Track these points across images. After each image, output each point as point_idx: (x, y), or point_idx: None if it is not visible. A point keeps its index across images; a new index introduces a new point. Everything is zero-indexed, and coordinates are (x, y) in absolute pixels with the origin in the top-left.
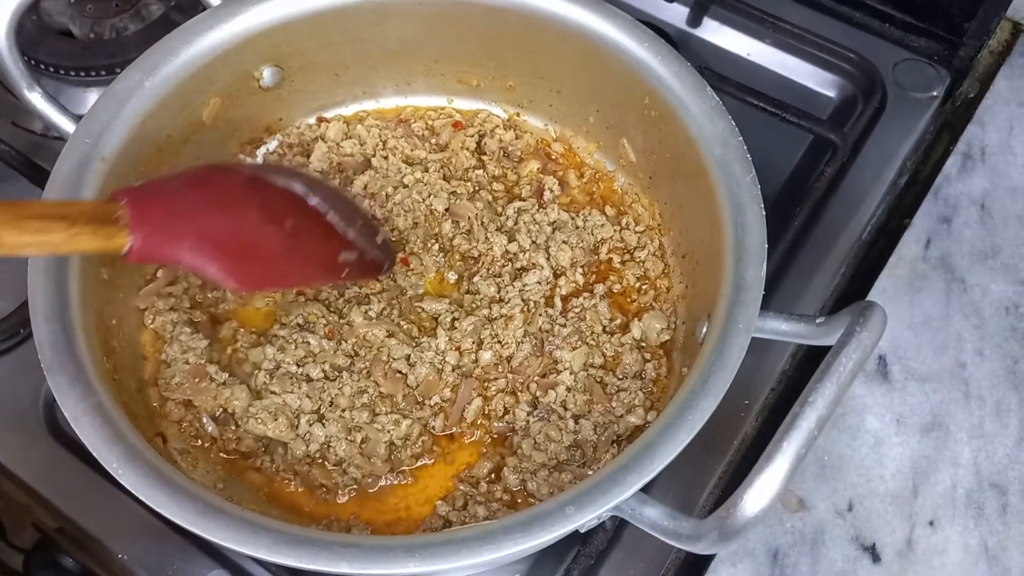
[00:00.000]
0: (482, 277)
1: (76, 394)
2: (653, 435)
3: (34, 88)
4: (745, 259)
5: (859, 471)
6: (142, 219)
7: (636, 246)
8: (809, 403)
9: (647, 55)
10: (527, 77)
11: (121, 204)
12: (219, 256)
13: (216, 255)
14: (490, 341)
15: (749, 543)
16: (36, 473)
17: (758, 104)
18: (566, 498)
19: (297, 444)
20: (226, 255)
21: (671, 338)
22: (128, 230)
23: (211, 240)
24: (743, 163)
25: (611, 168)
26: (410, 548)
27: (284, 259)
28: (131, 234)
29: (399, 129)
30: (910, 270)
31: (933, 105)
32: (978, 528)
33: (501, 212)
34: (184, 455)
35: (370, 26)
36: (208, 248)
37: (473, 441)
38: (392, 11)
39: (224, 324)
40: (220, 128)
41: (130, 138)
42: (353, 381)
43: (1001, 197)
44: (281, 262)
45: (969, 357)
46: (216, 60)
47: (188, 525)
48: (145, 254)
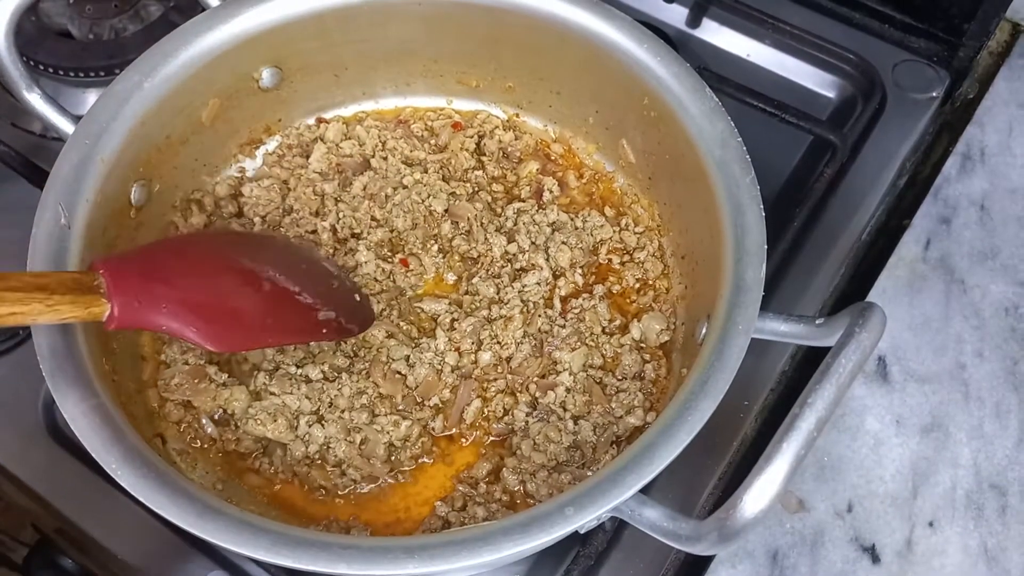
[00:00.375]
0: (481, 278)
1: (75, 395)
2: (652, 436)
3: (33, 89)
4: (744, 260)
5: (859, 472)
6: (120, 287)
7: (635, 247)
8: (808, 404)
9: (646, 56)
10: (526, 78)
11: (99, 274)
12: (197, 320)
13: (194, 320)
14: (489, 342)
15: (749, 544)
16: (35, 474)
17: (757, 105)
18: (565, 499)
19: (296, 445)
20: (204, 319)
21: (670, 339)
22: (106, 299)
23: (189, 306)
24: (742, 164)
25: (610, 169)
26: (409, 549)
27: (262, 321)
28: (109, 302)
29: (398, 130)
30: (910, 271)
31: (932, 106)
32: (978, 529)
33: (500, 213)
34: (183, 456)
35: (369, 27)
36: (185, 313)
37: (472, 442)
38: (391, 12)
39: None
40: (219, 129)
41: (129, 139)
42: (352, 382)
43: (1000, 198)
44: (259, 324)
45: (969, 358)
46: (215, 61)
47: (187, 526)
48: (124, 321)
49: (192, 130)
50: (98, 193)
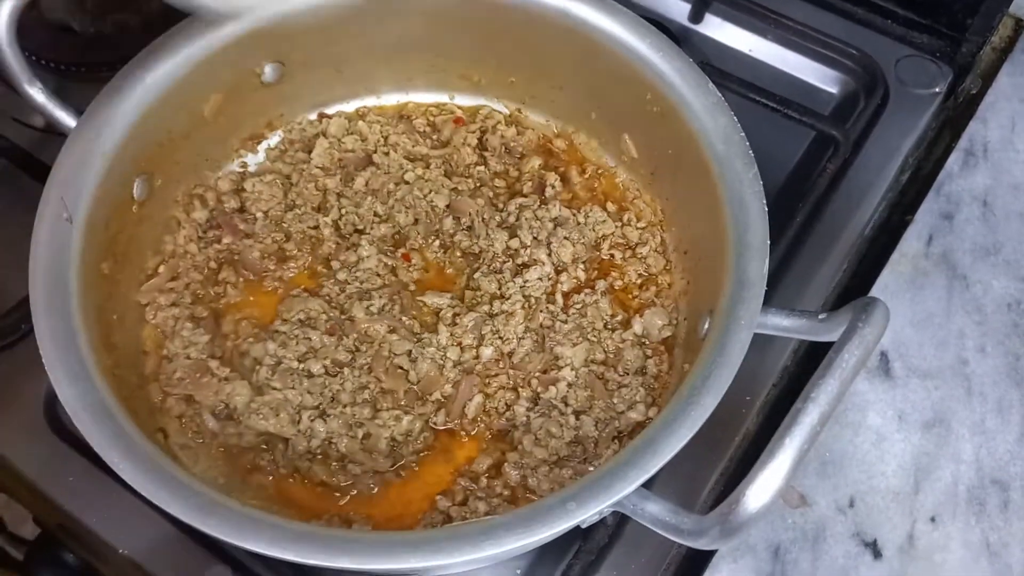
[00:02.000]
0: (483, 273)
1: (77, 390)
2: (654, 431)
3: (35, 83)
4: (747, 255)
5: (861, 467)
6: None
7: (638, 242)
8: (811, 399)
9: (649, 51)
10: (528, 73)
11: None
12: None
13: None
14: (491, 337)
15: (750, 539)
16: (37, 469)
17: (760, 100)
18: (568, 493)
19: (299, 440)
20: None
21: (673, 334)
22: None
23: None
24: (745, 159)
25: (613, 164)
26: (412, 543)
27: None
28: None
29: (400, 125)
30: (912, 266)
31: (935, 101)
32: (979, 524)
33: (503, 208)
34: (185, 450)
35: (372, 23)
36: None
37: (474, 437)
38: (394, 8)
39: (226, 319)
40: (221, 124)
41: (131, 134)
42: (355, 377)
43: (1003, 194)
44: None
45: (971, 354)
46: (217, 56)
47: (189, 520)
48: None
49: (194, 125)
50: (100, 188)
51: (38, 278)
